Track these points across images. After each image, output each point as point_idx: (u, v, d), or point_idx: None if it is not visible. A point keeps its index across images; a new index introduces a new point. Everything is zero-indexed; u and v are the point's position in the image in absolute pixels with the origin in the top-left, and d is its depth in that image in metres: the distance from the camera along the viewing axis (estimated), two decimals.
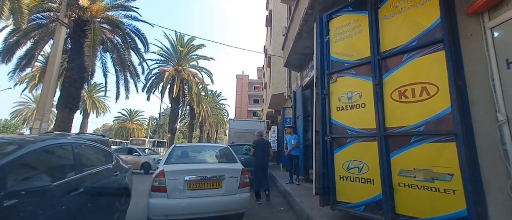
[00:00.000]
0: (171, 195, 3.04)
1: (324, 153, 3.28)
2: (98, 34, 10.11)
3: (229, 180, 3.32)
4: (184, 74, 23.56)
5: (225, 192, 3.26)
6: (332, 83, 3.38)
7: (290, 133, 7.04)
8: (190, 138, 32.64)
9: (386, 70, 2.79)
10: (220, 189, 3.26)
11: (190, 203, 3.09)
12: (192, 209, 3.07)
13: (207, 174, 3.26)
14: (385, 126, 2.70)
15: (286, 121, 11.52)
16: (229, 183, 3.30)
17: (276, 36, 12.95)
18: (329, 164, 3.21)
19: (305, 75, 7.55)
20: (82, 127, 35.95)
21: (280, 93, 12.50)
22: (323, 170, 3.22)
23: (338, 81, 3.31)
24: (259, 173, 5.24)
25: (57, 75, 8.81)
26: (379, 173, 2.68)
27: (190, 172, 3.24)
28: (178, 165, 3.53)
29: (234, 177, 3.38)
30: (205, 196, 3.20)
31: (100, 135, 8.70)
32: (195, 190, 3.16)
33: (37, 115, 8.23)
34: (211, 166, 3.75)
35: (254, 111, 44.52)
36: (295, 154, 6.73)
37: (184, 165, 3.58)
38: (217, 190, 3.25)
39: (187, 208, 3.05)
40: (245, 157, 7.12)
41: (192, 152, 4.47)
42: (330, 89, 3.40)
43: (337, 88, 3.32)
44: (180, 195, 3.07)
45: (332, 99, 3.34)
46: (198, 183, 3.20)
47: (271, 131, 16.57)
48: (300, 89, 7.74)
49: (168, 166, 3.39)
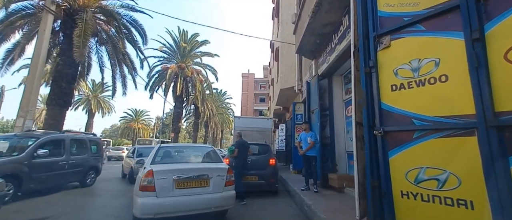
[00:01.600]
0: (159, 194, 3.12)
1: (373, 155, 2.16)
2: (90, 23, 9.22)
3: (216, 178, 3.46)
4: (187, 72, 22.66)
5: (212, 190, 3.40)
6: (383, 50, 2.25)
7: (305, 130, 5.93)
8: (195, 138, 31.81)
9: (492, 16, 1.64)
10: (208, 187, 3.40)
11: (179, 201, 3.20)
12: (180, 207, 3.18)
13: (195, 173, 3.39)
14: (495, 109, 1.56)
15: (297, 118, 10.40)
16: (216, 181, 3.45)
17: (285, 25, 11.82)
18: (382, 172, 2.09)
19: (322, 62, 6.41)
20: (88, 127, 35.77)
21: (289, 87, 11.35)
22: (372, 182, 2.10)
23: (393, 46, 2.18)
24: (241, 174, 5.40)
25: (42, 68, 7.95)
26: (485, 191, 1.54)
27: (178, 172, 3.34)
28: (166, 165, 3.63)
29: (221, 176, 3.51)
30: (193, 194, 3.32)
31: (91, 134, 7.99)
32: (184, 189, 3.28)
33: (20, 112, 7.38)
34: (199, 166, 3.90)
35: (260, 110, 43.52)
36: (312, 155, 5.61)
37: (172, 165, 3.68)
38: (205, 188, 3.39)
39: (175, 206, 3.16)
40: (253, 158, 6.11)
41: (177, 152, 4.64)
42: (378, 60, 2.27)
43: (391, 56, 2.20)
44: (169, 194, 3.17)
45: (384, 74, 2.22)
46: (187, 181, 3.31)
47: (279, 129, 15.47)
48: (315, 79, 6.60)
49: (156, 165, 3.49)
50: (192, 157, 4.47)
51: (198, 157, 4.46)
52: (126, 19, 11.00)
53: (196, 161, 4.33)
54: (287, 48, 11.96)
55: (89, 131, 37.05)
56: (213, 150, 4.66)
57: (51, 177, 5.97)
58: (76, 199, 5.64)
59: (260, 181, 6.03)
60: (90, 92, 34.38)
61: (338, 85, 6.43)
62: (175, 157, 4.38)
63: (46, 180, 5.82)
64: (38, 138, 5.87)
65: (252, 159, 6.27)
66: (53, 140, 6.35)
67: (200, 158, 4.41)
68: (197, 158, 4.45)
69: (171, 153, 4.46)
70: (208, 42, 24.93)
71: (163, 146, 4.56)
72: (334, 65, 5.83)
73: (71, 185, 6.84)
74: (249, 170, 6.04)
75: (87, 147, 7.43)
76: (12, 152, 5.48)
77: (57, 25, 9.66)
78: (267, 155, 6.46)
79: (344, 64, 5.71)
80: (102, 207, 4.90)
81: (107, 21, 10.75)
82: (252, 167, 6.12)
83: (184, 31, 23.80)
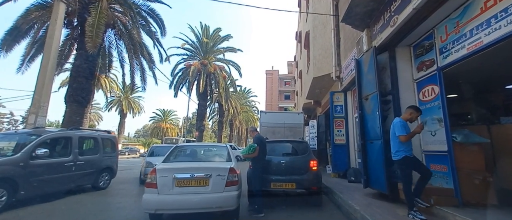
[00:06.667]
0: (161, 191, 3.30)
1: None
2: (104, 13, 8.55)
3: (216, 178, 3.43)
4: (210, 68, 21.92)
5: (211, 190, 3.39)
6: None
7: (409, 119, 3.46)
8: (219, 137, 31.24)
9: None
10: (207, 187, 3.40)
11: (178, 199, 3.31)
12: (179, 205, 3.30)
13: (194, 172, 3.43)
14: None
15: (336, 110, 8.64)
16: (215, 181, 3.42)
17: (317, 1, 10.12)
18: None
19: (380, 29, 4.70)
20: (120, 127, 37.55)
21: (324, 75, 9.63)
22: None
23: None
24: (262, 179, 4.33)
25: (55, 60, 7.40)
26: None
27: (179, 170, 3.47)
28: (170, 164, 3.85)
29: (221, 176, 3.46)
30: (192, 193, 3.37)
31: (105, 131, 7.36)
32: (183, 187, 3.37)
33: (32, 108, 6.86)
34: (200, 165, 3.89)
35: (285, 107, 41.80)
36: (403, 158, 3.30)
37: (175, 164, 3.88)
38: (204, 188, 3.40)
39: (174, 203, 3.29)
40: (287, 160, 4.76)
41: (190, 151, 4.70)
42: None
43: None
44: (169, 191, 3.31)
45: None
46: (186, 180, 3.39)
47: (309, 126, 13.74)
48: (369, 54, 4.90)
49: (161, 164, 3.76)
50: (202, 156, 4.58)
51: (206, 156, 4.59)
52: (143, 9, 10.28)
53: (201, 160, 4.37)
54: (321, 29, 10.23)
55: (122, 131, 38.97)
56: (226, 149, 4.64)
57: (54, 181, 5.16)
58: (79, 208, 4.73)
59: (299, 189, 4.58)
60: (121, 93, 35.83)
61: (405, 59, 4.65)
62: (186, 156, 4.50)
63: (47, 184, 5.00)
64: (39, 136, 5.15)
65: (287, 161, 4.85)
66: (56, 138, 5.57)
67: (208, 158, 4.53)
68: (205, 157, 4.56)
69: (185, 152, 4.64)
70: (230, 37, 23.97)
71: (179, 145, 4.91)
72: (402, 30, 4.11)
73: (80, 189, 6.04)
74: (283, 175, 4.64)
75: (99, 146, 6.64)
76: (9, 152, 4.76)
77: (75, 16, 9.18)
78: (306, 156, 4.96)
79: (419, 27, 3.97)
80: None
81: (124, 13, 10.12)
82: (287, 171, 4.70)
83: (206, 26, 23.13)
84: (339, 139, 8.23)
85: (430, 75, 4.05)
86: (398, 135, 3.29)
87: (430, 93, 4.06)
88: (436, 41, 3.90)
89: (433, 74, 3.97)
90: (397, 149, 3.34)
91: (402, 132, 3.26)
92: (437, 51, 3.87)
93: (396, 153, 3.37)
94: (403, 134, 3.25)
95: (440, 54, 3.82)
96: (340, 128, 8.34)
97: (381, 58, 4.86)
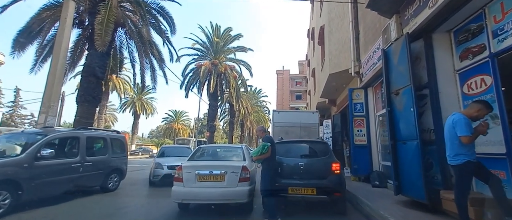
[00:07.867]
0: (186, 184, 3.93)
1: None
2: (114, 11, 8.41)
3: (231, 175, 3.95)
4: (220, 68, 21.68)
5: (227, 184, 3.92)
6: None
7: (475, 117, 2.78)
8: (230, 138, 30.98)
9: None
10: (223, 182, 3.93)
11: (199, 191, 3.91)
12: (200, 196, 3.92)
13: (213, 169, 4.01)
14: None
15: (355, 108, 8.01)
16: (230, 177, 3.94)
17: None
18: None
19: (413, 15, 4.10)
20: (134, 128, 38.26)
21: (342, 70, 8.99)
22: None
23: None
24: (273, 182, 4.02)
25: (64, 59, 7.30)
26: None
27: (200, 168, 4.10)
28: (194, 162, 4.51)
29: (235, 173, 3.96)
30: (211, 186, 3.93)
31: (114, 131, 7.35)
32: (203, 182, 3.95)
33: (42, 107, 6.77)
34: (218, 163, 4.41)
35: (297, 107, 40.99)
36: (465, 163, 2.66)
37: (198, 162, 4.56)
38: (220, 183, 3.93)
39: (196, 195, 3.92)
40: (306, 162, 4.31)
41: (211, 151, 5.45)
42: None
43: None
44: (192, 185, 3.92)
45: None
46: (206, 176, 3.97)
47: (324, 126, 13.07)
48: (401, 42, 4.31)
49: (187, 162, 4.36)
50: (221, 156, 5.22)
51: (224, 156, 5.22)
52: (153, 6, 10.11)
53: (219, 159, 5.01)
54: (337, 22, 9.61)
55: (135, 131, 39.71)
56: (241, 149, 5.15)
57: (61, 182, 4.94)
58: (85, 212, 4.46)
59: (320, 195, 4.07)
60: (134, 95, 36.48)
61: (445, 47, 4.02)
62: (207, 155, 5.18)
63: (53, 186, 4.77)
64: (45, 136, 4.96)
65: (305, 163, 4.34)
66: (64, 138, 5.37)
67: (225, 157, 5.14)
68: (223, 156, 5.20)
69: (206, 152, 5.33)
70: (241, 36, 23.66)
71: (202, 146, 5.74)
72: (443, 12, 3.50)
73: (88, 191, 5.83)
74: (301, 179, 4.16)
75: (108, 147, 6.42)
76: (13, 152, 4.58)
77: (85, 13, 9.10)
78: (327, 158, 4.42)
79: (465, 6, 3.36)
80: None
81: (134, 11, 9.98)
82: (306, 174, 4.19)
83: (217, 26, 22.95)
84: (359, 139, 7.57)
85: (479, 63, 3.41)
86: (461, 136, 2.63)
87: (479, 84, 3.43)
88: (488, 23, 3.26)
89: (483, 62, 3.34)
90: (457, 152, 2.69)
91: (467, 132, 2.61)
92: (490, 34, 3.24)
93: (455, 157, 2.72)
94: (467, 135, 2.61)
95: (493, 38, 3.19)
96: (360, 127, 7.69)
97: (414, 46, 4.25)
